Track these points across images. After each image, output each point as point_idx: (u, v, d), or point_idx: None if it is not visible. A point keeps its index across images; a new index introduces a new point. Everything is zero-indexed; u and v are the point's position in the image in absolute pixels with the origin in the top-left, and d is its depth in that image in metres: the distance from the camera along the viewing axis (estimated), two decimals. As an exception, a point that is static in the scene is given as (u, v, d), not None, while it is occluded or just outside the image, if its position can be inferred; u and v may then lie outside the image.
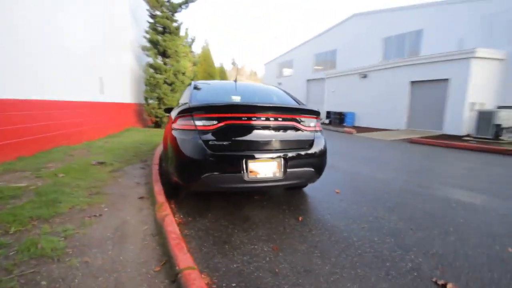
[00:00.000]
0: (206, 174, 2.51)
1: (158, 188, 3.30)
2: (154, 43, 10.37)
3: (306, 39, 24.12)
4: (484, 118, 9.21)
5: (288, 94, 3.74)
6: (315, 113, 2.99)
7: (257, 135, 2.66)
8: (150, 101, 10.53)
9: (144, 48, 10.46)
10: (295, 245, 2.30)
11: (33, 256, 1.88)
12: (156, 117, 10.66)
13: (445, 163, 6.36)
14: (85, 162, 4.72)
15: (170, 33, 10.63)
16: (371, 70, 14.89)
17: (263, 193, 3.64)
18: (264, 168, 2.63)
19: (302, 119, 2.89)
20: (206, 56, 24.24)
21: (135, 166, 4.90)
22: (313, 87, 23.42)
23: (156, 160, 4.92)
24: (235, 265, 1.98)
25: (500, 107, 12.12)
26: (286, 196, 3.57)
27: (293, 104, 3.12)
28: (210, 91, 3.44)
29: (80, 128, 6.50)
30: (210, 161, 2.50)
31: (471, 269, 2.03)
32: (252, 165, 2.59)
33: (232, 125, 2.59)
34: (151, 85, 10.26)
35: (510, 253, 2.27)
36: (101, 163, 4.80)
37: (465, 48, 13.03)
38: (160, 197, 2.96)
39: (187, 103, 2.98)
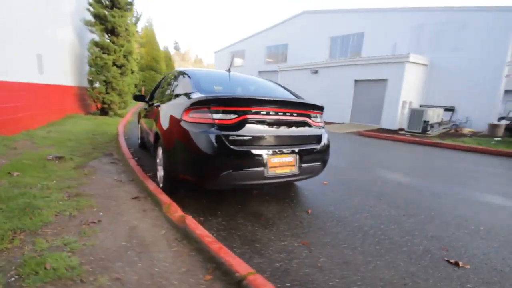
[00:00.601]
0: (227, 171, 2.37)
1: (153, 186, 2.98)
2: (100, 18, 9.03)
3: (258, 30, 24.20)
4: (415, 115, 10.79)
5: (284, 87, 3.74)
6: (321, 109, 3.08)
7: (276, 130, 2.62)
8: (96, 85, 9.23)
9: (87, 23, 9.02)
10: (320, 238, 2.38)
11: (46, 280, 1.52)
12: (103, 103, 9.43)
13: (394, 154, 7.29)
14: (38, 157, 3.94)
15: (119, 8, 9.39)
16: (321, 67, 15.86)
17: (259, 187, 3.61)
18: (283, 163, 2.61)
19: (312, 114, 2.94)
20: (150, 38, 22.27)
21: (102, 160, 4.30)
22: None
23: (129, 154, 4.40)
24: (277, 264, 1.95)
25: (421, 106, 14.37)
26: (282, 190, 3.62)
27: (303, 100, 3.14)
28: (210, 81, 3.20)
29: (17, 115, 5.34)
30: (231, 157, 2.37)
31: (466, 247, 2.41)
32: (272, 160, 2.54)
33: (252, 119, 2.49)
34: (97, 66, 8.96)
35: (483, 230, 2.77)
36: (59, 157, 4.07)
37: (398, 52, 14.89)
38: (164, 197, 2.68)
39: (192, 92, 2.73)
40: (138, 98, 4.78)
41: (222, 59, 28.38)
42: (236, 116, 2.44)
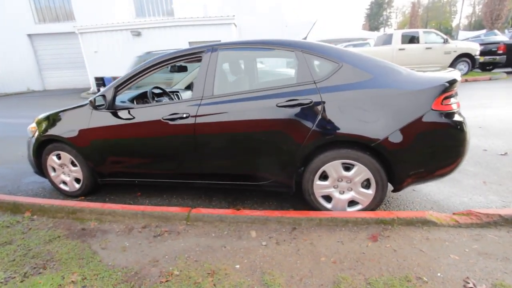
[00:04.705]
0: None
1: (370, 214, 2.24)
2: None
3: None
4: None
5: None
6: None
7: None
8: None
9: None
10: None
11: None
12: None
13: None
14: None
15: None
16: (146, 28, 13.51)
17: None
18: None
19: None
20: None
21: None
22: (47, 46, 16.39)
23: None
24: None
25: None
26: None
27: None
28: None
29: None
30: None
31: None
32: None
33: None
34: None
35: None
36: None
37: (209, 14, 15.65)
38: (412, 213, 2.20)
39: (382, 76, 2.19)
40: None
41: None
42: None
